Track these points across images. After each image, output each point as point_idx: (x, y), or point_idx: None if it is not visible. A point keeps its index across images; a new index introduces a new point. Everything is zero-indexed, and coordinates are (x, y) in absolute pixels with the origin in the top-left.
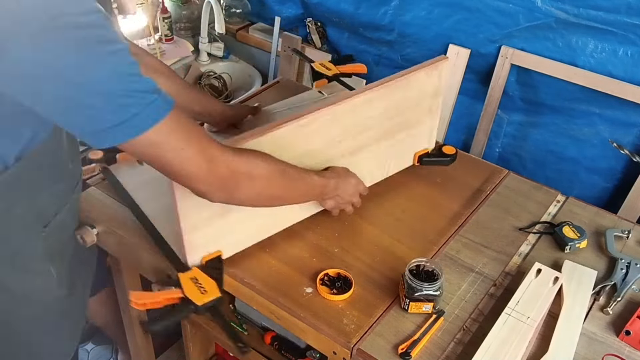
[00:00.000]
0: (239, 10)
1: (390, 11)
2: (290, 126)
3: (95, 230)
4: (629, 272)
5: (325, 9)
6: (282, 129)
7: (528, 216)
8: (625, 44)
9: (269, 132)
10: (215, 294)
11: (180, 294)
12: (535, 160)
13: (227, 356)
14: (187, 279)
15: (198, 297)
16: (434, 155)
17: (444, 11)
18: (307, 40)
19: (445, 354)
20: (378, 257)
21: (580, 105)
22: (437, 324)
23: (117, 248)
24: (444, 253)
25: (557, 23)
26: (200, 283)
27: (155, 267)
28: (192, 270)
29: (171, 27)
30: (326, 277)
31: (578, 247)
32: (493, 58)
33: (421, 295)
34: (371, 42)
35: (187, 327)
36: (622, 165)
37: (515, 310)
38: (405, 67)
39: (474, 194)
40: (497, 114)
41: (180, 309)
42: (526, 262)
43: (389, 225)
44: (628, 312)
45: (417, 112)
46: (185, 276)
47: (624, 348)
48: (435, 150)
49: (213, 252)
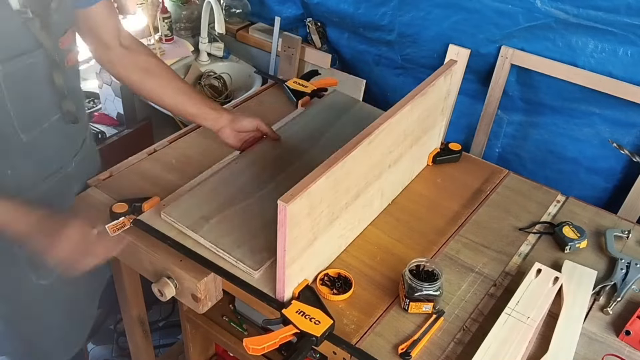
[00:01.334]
0: (239, 10)
1: (389, 11)
2: (361, 146)
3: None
4: (629, 272)
5: (325, 9)
6: (355, 150)
7: (528, 216)
8: (625, 44)
9: (342, 159)
10: (328, 321)
11: (295, 329)
12: (535, 160)
13: (227, 356)
14: (293, 313)
15: (314, 329)
16: (444, 153)
17: (444, 12)
18: (307, 40)
19: (445, 354)
20: (378, 257)
21: (580, 105)
22: (437, 324)
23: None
24: (444, 253)
25: (557, 23)
26: (308, 314)
27: (155, 267)
28: (293, 304)
29: (171, 27)
30: (326, 277)
31: (578, 247)
32: (493, 58)
33: (421, 295)
34: (371, 42)
35: (187, 327)
36: (622, 165)
37: (515, 310)
38: (406, 67)
39: (474, 194)
40: (497, 114)
41: (302, 345)
42: (526, 262)
43: (388, 225)
44: (628, 312)
45: (434, 115)
46: (291, 311)
47: (624, 348)
48: (444, 149)
49: (301, 281)
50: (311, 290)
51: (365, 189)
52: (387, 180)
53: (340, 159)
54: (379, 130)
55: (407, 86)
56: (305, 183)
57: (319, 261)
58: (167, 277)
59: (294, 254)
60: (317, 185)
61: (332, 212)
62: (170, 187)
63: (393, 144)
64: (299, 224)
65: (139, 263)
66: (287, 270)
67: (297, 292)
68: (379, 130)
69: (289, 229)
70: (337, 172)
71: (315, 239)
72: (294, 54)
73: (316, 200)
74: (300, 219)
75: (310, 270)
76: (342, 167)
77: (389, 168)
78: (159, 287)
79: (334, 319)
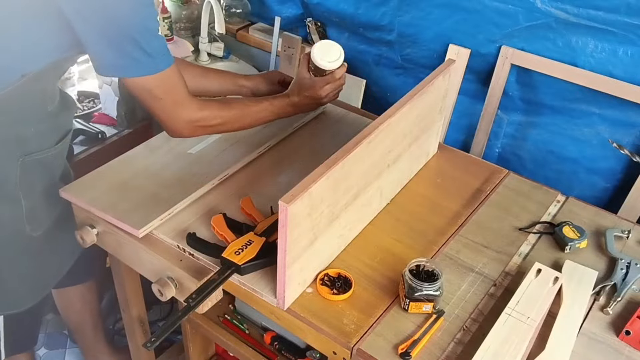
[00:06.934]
0: (239, 10)
1: (389, 11)
2: (360, 146)
3: (96, 230)
4: (629, 272)
5: (325, 9)
6: (355, 150)
7: (528, 216)
8: (625, 44)
9: (342, 159)
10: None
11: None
12: (535, 160)
13: (227, 356)
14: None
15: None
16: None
17: (444, 12)
18: (307, 40)
19: (445, 354)
20: (378, 257)
21: (580, 105)
22: (437, 324)
23: (117, 248)
24: (444, 253)
25: (557, 23)
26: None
27: (155, 267)
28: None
29: (171, 27)
30: (326, 277)
31: (578, 247)
32: (493, 58)
33: (421, 295)
34: (371, 42)
35: (187, 327)
36: (622, 165)
37: (515, 310)
38: (406, 67)
39: (474, 194)
40: (497, 114)
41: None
42: (526, 262)
43: (388, 225)
44: (628, 312)
45: (432, 114)
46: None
47: (624, 348)
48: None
49: (305, 286)
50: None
51: (365, 188)
52: (386, 180)
53: (341, 159)
54: (379, 130)
55: (407, 86)
56: (306, 183)
57: (319, 261)
58: (167, 277)
59: (294, 255)
60: (317, 185)
61: (332, 212)
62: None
63: (392, 143)
64: (300, 224)
65: (139, 263)
66: (287, 271)
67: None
68: (379, 130)
69: (289, 230)
70: (337, 172)
71: (315, 239)
72: (294, 54)
73: (317, 201)
74: (301, 219)
75: (310, 270)
76: (342, 167)
77: (388, 168)
78: (159, 287)
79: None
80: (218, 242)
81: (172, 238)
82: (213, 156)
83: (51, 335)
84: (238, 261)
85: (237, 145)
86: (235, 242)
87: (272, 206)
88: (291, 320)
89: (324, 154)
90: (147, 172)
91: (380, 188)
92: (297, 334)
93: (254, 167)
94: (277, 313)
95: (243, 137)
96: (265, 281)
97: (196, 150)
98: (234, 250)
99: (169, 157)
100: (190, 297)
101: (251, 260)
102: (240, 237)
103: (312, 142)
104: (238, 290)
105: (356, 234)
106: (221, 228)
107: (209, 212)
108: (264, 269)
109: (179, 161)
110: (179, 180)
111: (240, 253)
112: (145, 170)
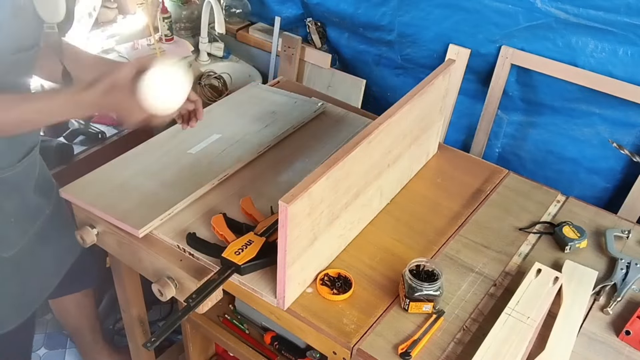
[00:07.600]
0: (239, 10)
1: (389, 12)
2: (361, 146)
3: (95, 230)
4: (629, 272)
5: (325, 9)
6: (355, 150)
7: (528, 216)
8: (625, 44)
9: (342, 159)
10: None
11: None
12: (535, 160)
13: (227, 356)
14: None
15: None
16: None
17: (444, 12)
18: (307, 40)
19: (445, 354)
20: (378, 257)
21: (580, 105)
22: (437, 324)
23: (117, 248)
24: (444, 253)
25: (557, 23)
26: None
27: (155, 267)
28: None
29: (171, 27)
30: (326, 277)
31: (578, 247)
32: (493, 58)
33: (421, 295)
34: (371, 42)
35: (187, 327)
36: (622, 165)
37: (515, 310)
38: (406, 67)
39: (474, 194)
40: (497, 114)
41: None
42: (526, 262)
43: (388, 225)
44: (628, 312)
45: (433, 114)
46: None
47: (624, 348)
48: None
49: (305, 286)
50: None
51: (365, 188)
52: (386, 180)
53: (341, 159)
54: (379, 130)
55: (407, 86)
56: (306, 183)
57: (319, 261)
58: (167, 277)
59: (294, 254)
60: (317, 185)
61: (332, 212)
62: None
63: (392, 143)
64: (300, 224)
65: (139, 263)
66: (287, 271)
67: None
68: (379, 130)
69: (289, 230)
70: (337, 172)
71: (315, 239)
72: (294, 54)
73: (317, 200)
74: (301, 219)
75: (310, 270)
76: (342, 167)
77: (388, 167)
78: (159, 287)
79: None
80: (218, 242)
81: (172, 238)
82: (213, 156)
83: (51, 335)
84: (238, 261)
85: (237, 145)
86: (235, 242)
87: (272, 206)
88: (291, 320)
89: (324, 154)
90: (147, 172)
91: (380, 188)
92: (297, 334)
93: (254, 167)
94: (277, 313)
95: (243, 137)
96: (265, 281)
97: (196, 150)
98: (234, 250)
99: (169, 157)
100: (190, 297)
101: (251, 260)
102: (240, 237)
103: (312, 142)
104: (238, 290)
105: (356, 234)
106: (221, 228)
107: (209, 212)
108: (264, 269)
109: (179, 161)
110: (179, 180)
111: (240, 253)
112: (145, 170)
